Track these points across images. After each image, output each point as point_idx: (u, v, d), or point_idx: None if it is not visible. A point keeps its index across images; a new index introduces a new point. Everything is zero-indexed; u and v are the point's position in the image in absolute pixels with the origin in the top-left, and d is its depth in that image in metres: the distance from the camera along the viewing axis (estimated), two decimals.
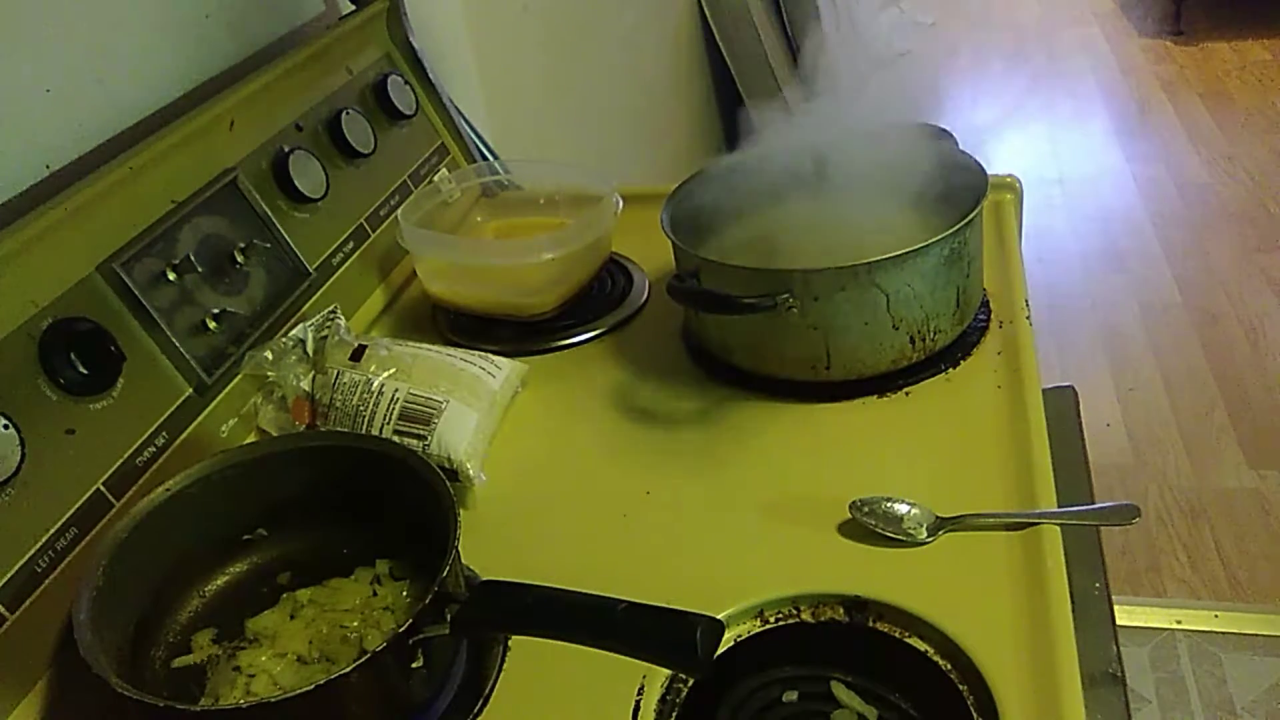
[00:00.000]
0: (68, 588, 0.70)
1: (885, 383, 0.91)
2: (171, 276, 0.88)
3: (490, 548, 0.80)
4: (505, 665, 0.71)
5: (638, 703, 0.66)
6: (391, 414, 0.87)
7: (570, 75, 1.84)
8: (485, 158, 1.34)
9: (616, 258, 1.16)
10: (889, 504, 0.76)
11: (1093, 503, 0.87)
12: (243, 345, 0.92)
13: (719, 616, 0.61)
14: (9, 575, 0.69)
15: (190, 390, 0.87)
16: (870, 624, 0.71)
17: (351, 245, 1.09)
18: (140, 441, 0.81)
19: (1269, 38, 4.10)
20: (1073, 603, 0.68)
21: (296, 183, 1.02)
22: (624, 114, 2.12)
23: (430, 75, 1.27)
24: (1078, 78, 4.01)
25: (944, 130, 1.03)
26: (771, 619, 0.72)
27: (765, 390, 0.92)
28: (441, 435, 0.86)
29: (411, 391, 0.88)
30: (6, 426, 0.70)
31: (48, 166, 0.86)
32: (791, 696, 0.71)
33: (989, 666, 0.64)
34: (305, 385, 0.91)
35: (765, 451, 0.87)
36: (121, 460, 0.79)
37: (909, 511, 0.76)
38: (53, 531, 0.73)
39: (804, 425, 0.89)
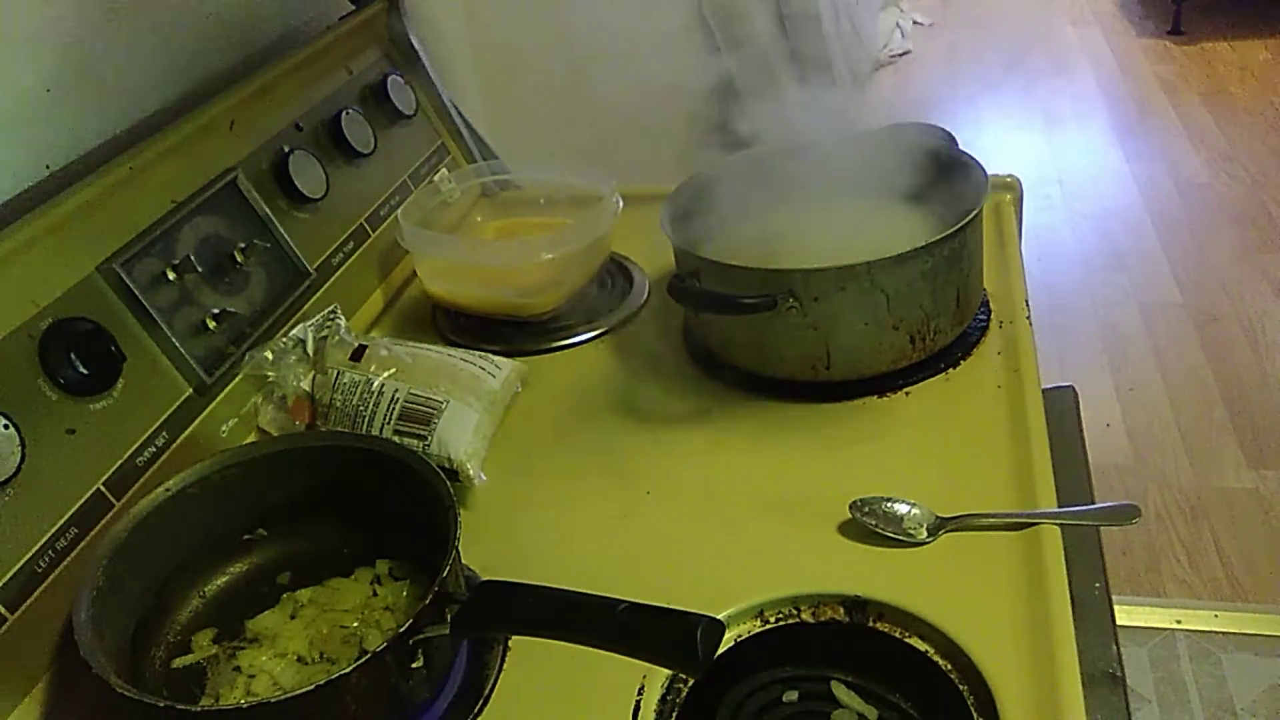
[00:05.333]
0: (68, 588, 0.70)
1: (885, 383, 0.91)
2: (171, 276, 0.88)
3: (490, 548, 0.80)
4: (505, 665, 0.71)
5: (638, 703, 0.66)
6: (391, 414, 0.87)
7: (570, 75, 1.84)
8: (485, 158, 1.34)
9: (616, 258, 1.16)
10: (889, 504, 0.76)
11: (1093, 503, 0.87)
12: (243, 345, 0.92)
13: (719, 616, 0.61)
14: (9, 575, 0.69)
15: (190, 390, 0.87)
16: (870, 624, 0.71)
17: (351, 245, 1.09)
18: (140, 441, 0.81)
19: (1269, 38, 4.10)
20: (1073, 603, 0.68)
21: (296, 183, 1.02)
22: (624, 114, 2.12)
23: (430, 75, 1.27)
24: (1078, 78, 4.01)
25: (944, 130, 1.03)
26: (771, 619, 0.72)
27: (765, 390, 0.92)
28: (441, 435, 0.86)
29: (411, 391, 0.88)
30: (7, 426, 0.70)
31: (48, 166, 0.87)
32: (791, 696, 0.71)
33: (989, 666, 0.64)
34: (305, 385, 0.91)
35: (765, 451, 0.87)
36: (122, 460, 0.79)
37: (909, 511, 0.76)
38: (53, 531, 0.73)
39: (804, 425, 0.89)
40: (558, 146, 1.74)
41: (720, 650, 0.59)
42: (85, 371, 0.77)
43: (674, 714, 0.67)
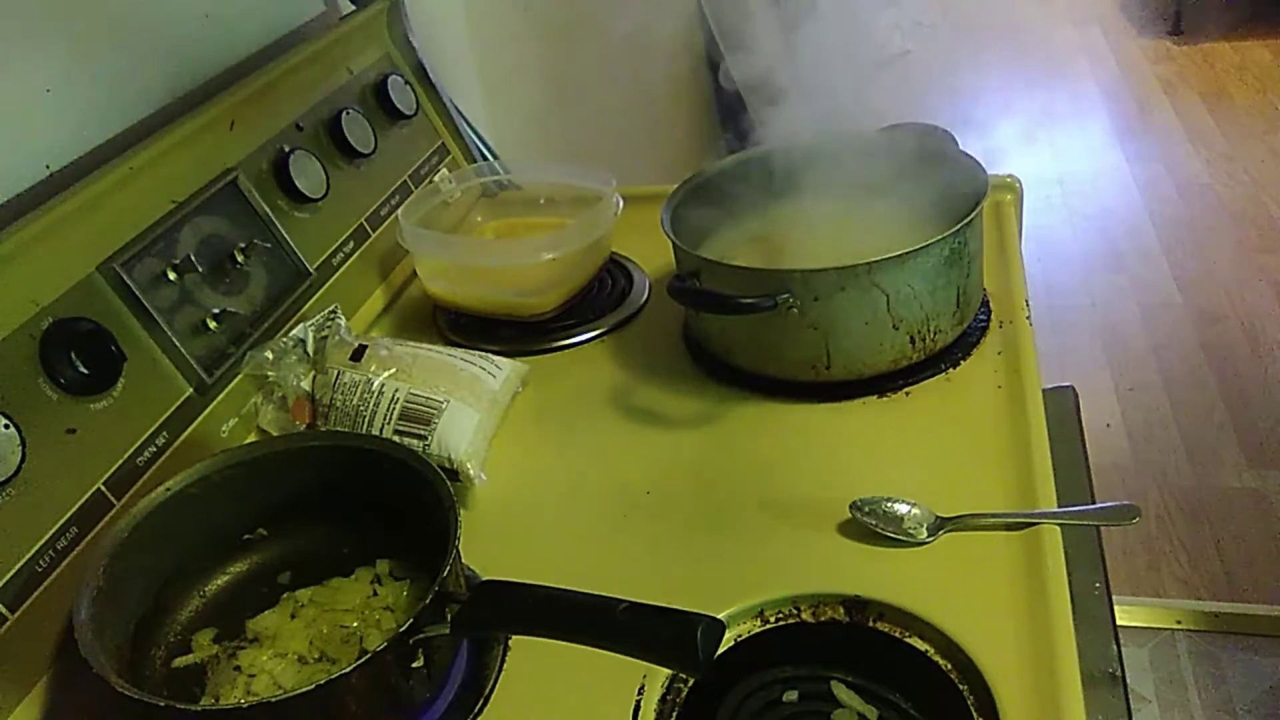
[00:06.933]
0: (68, 588, 0.70)
1: (885, 383, 0.91)
2: (172, 276, 0.88)
3: (490, 548, 0.80)
4: (505, 665, 0.71)
5: (638, 703, 0.66)
6: (392, 414, 0.87)
7: (570, 75, 1.84)
8: (485, 158, 1.34)
9: (616, 258, 1.16)
10: (889, 504, 0.76)
11: (1093, 503, 0.87)
12: (243, 345, 0.92)
13: (719, 616, 0.61)
14: (9, 575, 0.69)
15: (191, 390, 0.87)
16: (870, 624, 0.71)
17: (352, 245, 1.09)
18: (141, 441, 0.81)
19: (1269, 38, 4.10)
20: (1073, 603, 0.68)
21: (297, 183, 1.02)
22: (624, 114, 2.12)
23: (430, 75, 1.27)
24: (1078, 78, 4.01)
25: (944, 130, 1.04)
26: (771, 619, 0.72)
27: (765, 390, 0.92)
28: (442, 435, 0.86)
29: (412, 391, 0.88)
30: (7, 426, 0.70)
31: (48, 166, 0.87)
32: (791, 696, 0.71)
33: (989, 666, 0.64)
34: (305, 385, 0.91)
35: (765, 451, 0.87)
36: (122, 460, 0.79)
37: (909, 511, 0.76)
38: (53, 531, 0.73)
39: (804, 425, 0.89)
40: (558, 146, 1.74)
41: (720, 650, 0.59)
42: (85, 371, 0.77)
43: (674, 714, 0.67)
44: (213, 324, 0.90)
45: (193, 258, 0.89)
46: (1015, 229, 1.10)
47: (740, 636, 0.71)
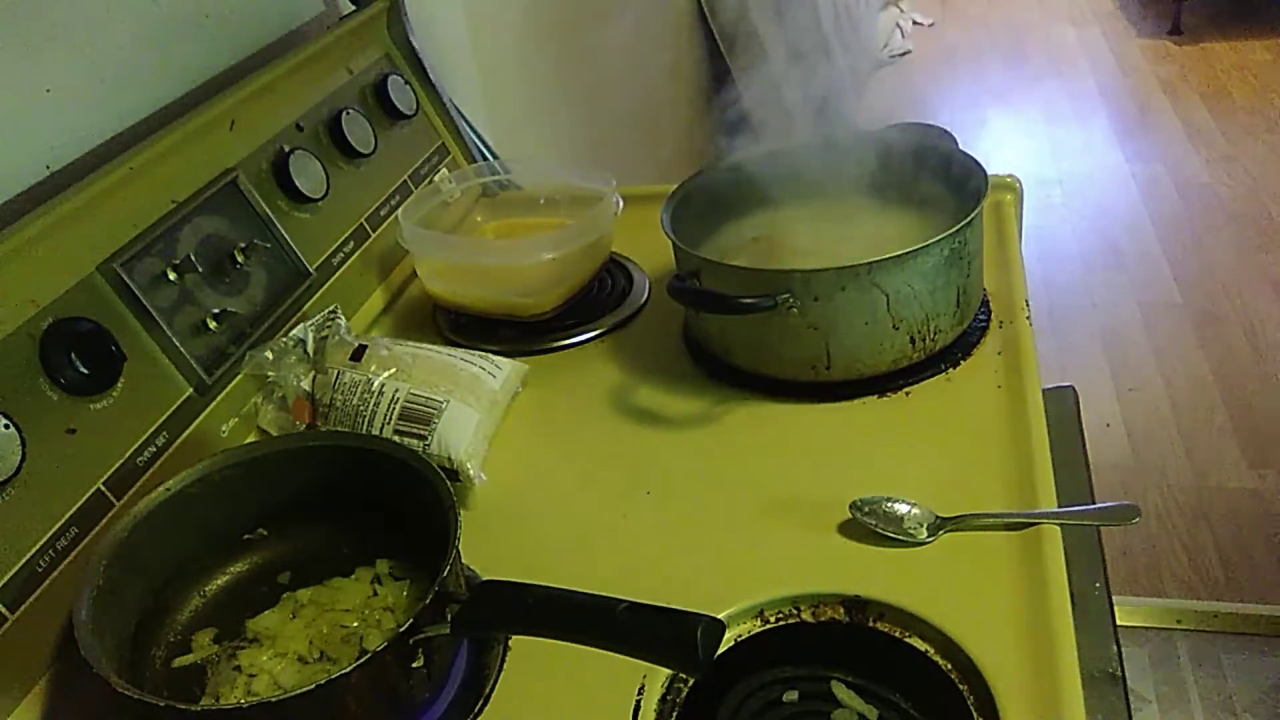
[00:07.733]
0: (68, 588, 0.70)
1: (885, 383, 0.91)
2: (172, 276, 0.88)
3: (490, 548, 0.80)
4: (505, 665, 0.71)
5: (638, 703, 0.66)
6: (392, 414, 0.87)
7: (570, 75, 1.84)
8: (485, 158, 1.34)
9: (616, 258, 1.16)
10: (889, 504, 0.76)
11: (1093, 503, 0.87)
12: (243, 345, 0.92)
13: (719, 616, 0.61)
14: (9, 575, 0.69)
15: (191, 390, 0.87)
16: (870, 624, 0.71)
17: (352, 245, 1.10)
18: (141, 441, 0.81)
19: (1269, 38, 4.10)
20: (1073, 603, 0.68)
21: (297, 183, 1.02)
22: (624, 114, 2.12)
23: (430, 75, 1.27)
24: (1078, 78, 4.02)
25: (944, 130, 1.04)
26: (771, 619, 0.72)
27: (765, 390, 0.92)
28: (442, 435, 0.86)
29: (412, 391, 0.88)
30: (7, 426, 0.70)
31: (48, 166, 0.87)
32: (791, 696, 0.71)
33: (989, 666, 0.64)
34: (305, 385, 0.91)
35: (765, 451, 0.87)
36: (122, 460, 0.79)
37: (909, 511, 0.76)
38: (53, 531, 0.73)
39: (804, 425, 0.89)
40: (558, 146, 1.74)
41: (720, 650, 0.59)
42: (85, 371, 0.77)
43: (674, 714, 0.67)
44: (213, 324, 0.90)
45: (193, 258, 0.89)
46: (1015, 229, 1.10)
47: (740, 636, 0.72)
